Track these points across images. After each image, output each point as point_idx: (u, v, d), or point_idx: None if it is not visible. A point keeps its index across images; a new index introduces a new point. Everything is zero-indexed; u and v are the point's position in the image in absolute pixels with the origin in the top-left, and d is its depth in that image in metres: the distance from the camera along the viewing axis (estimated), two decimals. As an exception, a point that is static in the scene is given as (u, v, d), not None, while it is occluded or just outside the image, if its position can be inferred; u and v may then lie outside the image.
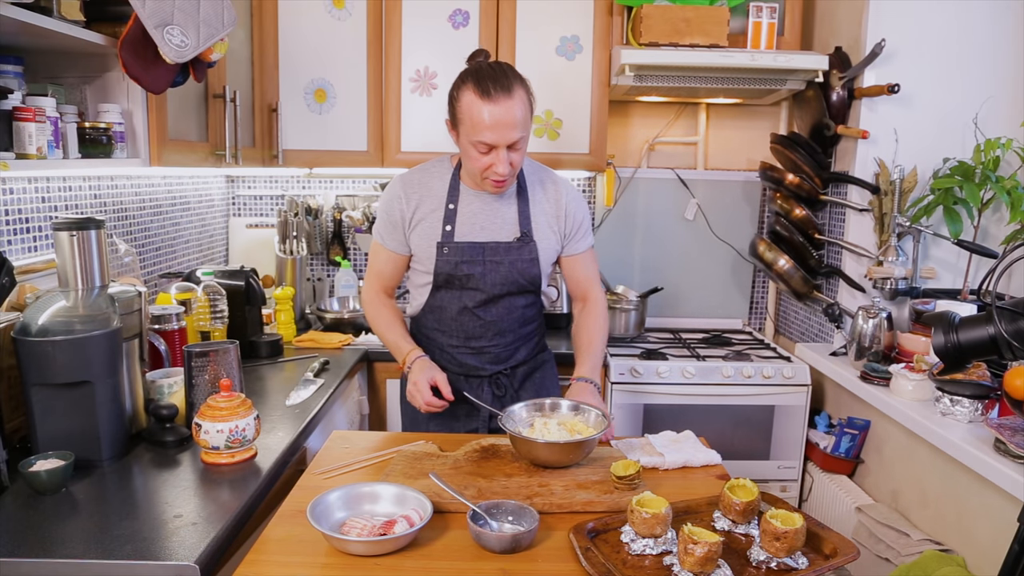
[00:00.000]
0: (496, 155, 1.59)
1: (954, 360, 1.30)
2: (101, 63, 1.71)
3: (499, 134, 1.55)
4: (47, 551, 1.11)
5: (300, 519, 1.21)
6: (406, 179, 1.76)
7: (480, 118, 1.55)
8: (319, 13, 2.52)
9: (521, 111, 1.57)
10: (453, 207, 1.72)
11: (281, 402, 1.84)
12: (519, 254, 1.72)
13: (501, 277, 1.72)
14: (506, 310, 1.77)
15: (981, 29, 2.29)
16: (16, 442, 1.48)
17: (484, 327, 1.77)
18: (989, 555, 1.67)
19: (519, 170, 1.69)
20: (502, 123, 1.54)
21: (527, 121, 1.60)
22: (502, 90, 1.55)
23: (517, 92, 1.57)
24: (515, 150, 1.60)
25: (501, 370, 1.82)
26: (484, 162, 1.60)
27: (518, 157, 1.61)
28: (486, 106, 1.54)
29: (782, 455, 2.49)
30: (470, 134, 1.58)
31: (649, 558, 1.12)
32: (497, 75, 1.57)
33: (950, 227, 2.21)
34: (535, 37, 2.55)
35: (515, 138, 1.57)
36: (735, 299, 3.03)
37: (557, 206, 1.76)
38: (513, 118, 1.55)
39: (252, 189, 2.99)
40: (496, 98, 1.54)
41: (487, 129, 1.55)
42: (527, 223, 1.73)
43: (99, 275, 1.47)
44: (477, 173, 1.63)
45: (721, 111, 2.96)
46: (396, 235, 1.75)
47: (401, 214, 1.72)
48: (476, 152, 1.59)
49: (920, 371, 2.00)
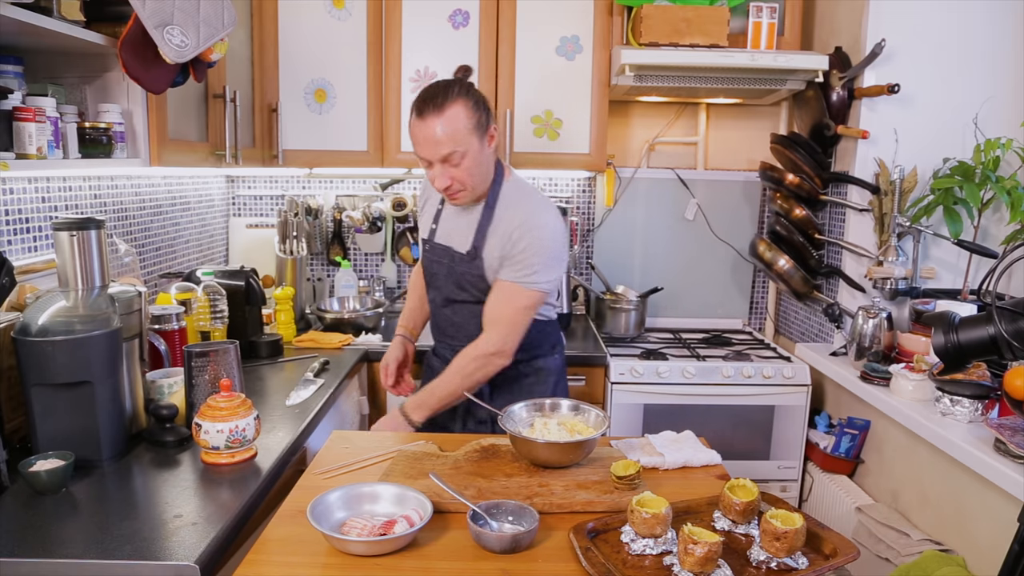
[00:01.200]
0: (434, 170, 1.67)
1: (954, 360, 1.30)
2: (101, 63, 1.71)
3: (427, 149, 1.64)
4: (47, 551, 1.11)
5: (300, 519, 1.21)
6: (424, 181, 1.94)
7: (415, 135, 1.66)
8: (319, 13, 2.52)
9: (450, 127, 1.60)
10: (440, 208, 1.87)
11: (281, 402, 1.84)
12: (468, 267, 1.77)
13: (454, 283, 1.81)
14: (470, 314, 1.82)
15: (981, 29, 2.29)
16: (16, 442, 1.48)
17: (453, 325, 1.87)
18: (989, 555, 1.67)
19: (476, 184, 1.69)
20: (429, 139, 1.63)
21: (464, 137, 1.62)
22: (433, 108, 1.61)
23: (450, 109, 1.61)
24: (453, 165, 1.65)
25: None
26: (430, 175, 1.70)
27: (459, 172, 1.66)
28: (417, 123, 1.64)
29: (782, 455, 2.49)
30: (415, 151, 1.70)
31: (649, 558, 1.12)
32: (436, 93, 1.63)
33: (950, 227, 2.21)
34: (535, 37, 2.55)
35: (443, 153, 1.62)
36: (735, 299, 3.03)
37: (510, 229, 1.69)
38: (438, 135, 1.61)
39: (252, 189, 2.99)
40: (425, 116, 1.62)
41: (418, 145, 1.66)
42: (480, 239, 1.74)
43: (99, 275, 1.47)
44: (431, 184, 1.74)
45: (721, 111, 2.96)
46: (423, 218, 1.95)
47: (419, 203, 1.98)
48: (423, 164, 1.70)
49: (920, 371, 2.00)
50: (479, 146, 1.66)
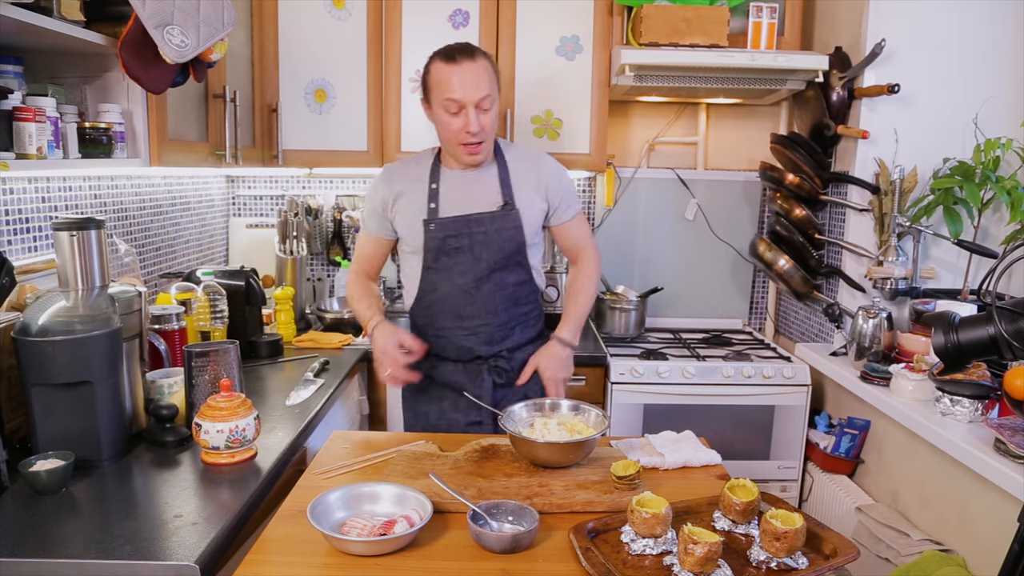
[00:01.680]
0: (465, 115, 1.67)
1: (954, 360, 1.30)
2: (101, 63, 1.71)
3: (465, 92, 1.66)
4: (47, 551, 1.11)
5: (300, 519, 1.21)
6: (389, 168, 1.87)
7: (447, 80, 1.67)
8: (319, 13, 2.52)
9: (487, 74, 1.68)
10: (436, 186, 1.80)
11: (281, 402, 1.84)
12: (503, 222, 1.77)
13: (487, 248, 1.77)
14: (496, 286, 1.81)
15: (981, 29, 2.29)
16: (16, 442, 1.48)
17: (475, 305, 1.81)
18: (989, 555, 1.67)
19: (493, 143, 1.78)
20: (467, 82, 1.66)
21: (493, 87, 1.70)
22: (467, 55, 1.68)
23: (481, 58, 1.69)
24: (483, 111, 1.68)
25: (498, 351, 1.84)
26: (456, 125, 1.69)
27: (488, 120, 1.70)
28: (452, 67, 1.67)
29: (782, 455, 2.49)
30: (439, 97, 1.68)
31: (649, 558, 1.12)
32: (463, 46, 1.70)
33: (950, 227, 2.21)
34: (535, 37, 2.55)
35: (481, 95, 1.66)
36: (735, 299, 3.03)
37: (538, 176, 1.82)
38: (477, 77, 1.66)
39: (252, 189, 2.99)
40: (461, 61, 1.67)
41: (454, 88, 1.66)
42: (508, 192, 1.79)
43: (99, 275, 1.47)
44: (452, 140, 1.72)
45: (721, 111, 2.96)
46: (381, 221, 1.85)
47: (383, 199, 1.82)
48: (447, 116, 1.69)
49: (920, 371, 2.00)
50: (498, 104, 1.74)
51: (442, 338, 1.85)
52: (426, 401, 1.89)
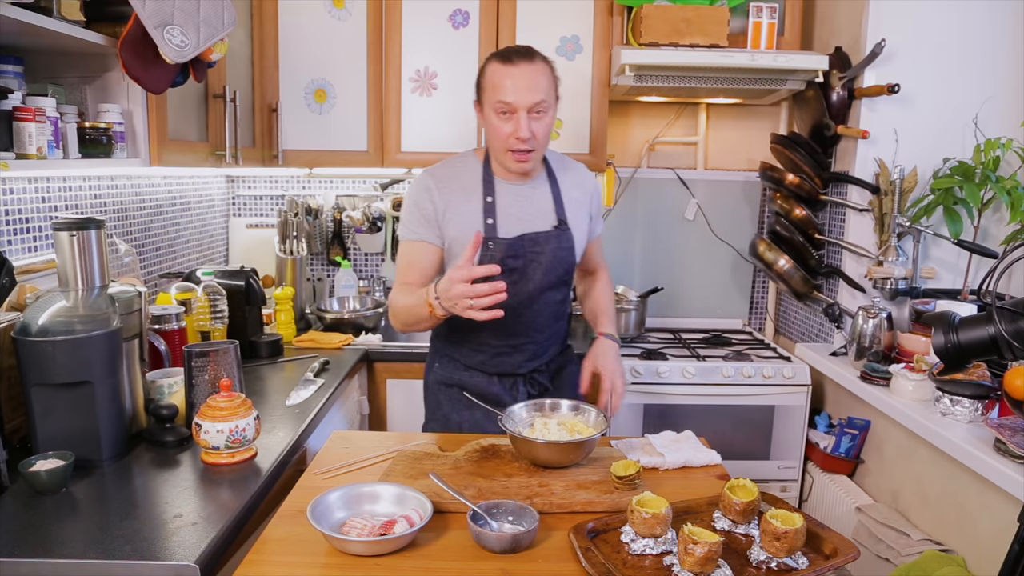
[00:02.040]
0: (517, 120, 1.58)
1: (954, 360, 1.30)
2: (101, 63, 1.71)
3: (519, 94, 1.57)
4: (47, 551, 1.11)
5: (300, 519, 1.21)
6: (435, 173, 1.72)
7: (501, 81, 1.58)
8: (319, 13, 2.52)
9: (544, 78, 1.60)
10: (491, 200, 1.68)
11: (281, 402, 1.84)
12: (558, 242, 1.71)
13: (542, 268, 1.70)
14: (544, 305, 1.76)
15: (981, 29, 2.29)
16: (16, 442, 1.48)
17: (522, 324, 1.74)
18: (989, 555, 1.67)
19: (543, 153, 1.71)
20: (521, 85, 1.57)
21: (550, 92, 1.62)
22: (524, 56, 1.60)
23: (539, 61, 1.61)
24: (536, 118, 1.60)
25: (536, 367, 1.81)
26: (506, 130, 1.59)
27: (540, 128, 1.61)
28: (507, 69, 1.58)
29: (782, 455, 2.49)
30: (491, 99, 1.60)
31: (649, 558, 1.12)
32: (522, 48, 1.63)
33: (950, 227, 2.21)
34: (535, 37, 2.55)
35: (535, 99, 1.57)
36: (735, 299, 3.03)
37: (584, 190, 1.79)
38: (533, 80, 1.57)
39: (252, 189, 2.99)
40: (517, 63, 1.59)
41: (507, 91, 1.57)
42: (561, 210, 1.74)
43: (99, 275, 1.47)
44: (501, 145, 1.62)
45: (721, 111, 2.96)
46: (430, 227, 1.69)
47: (433, 206, 1.68)
48: (498, 119, 1.60)
49: (920, 371, 1.99)
50: (554, 111, 1.66)
51: (482, 353, 1.78)
52: (458, 410, 1.81)
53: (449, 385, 1.82)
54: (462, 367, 1.81)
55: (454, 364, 1.82)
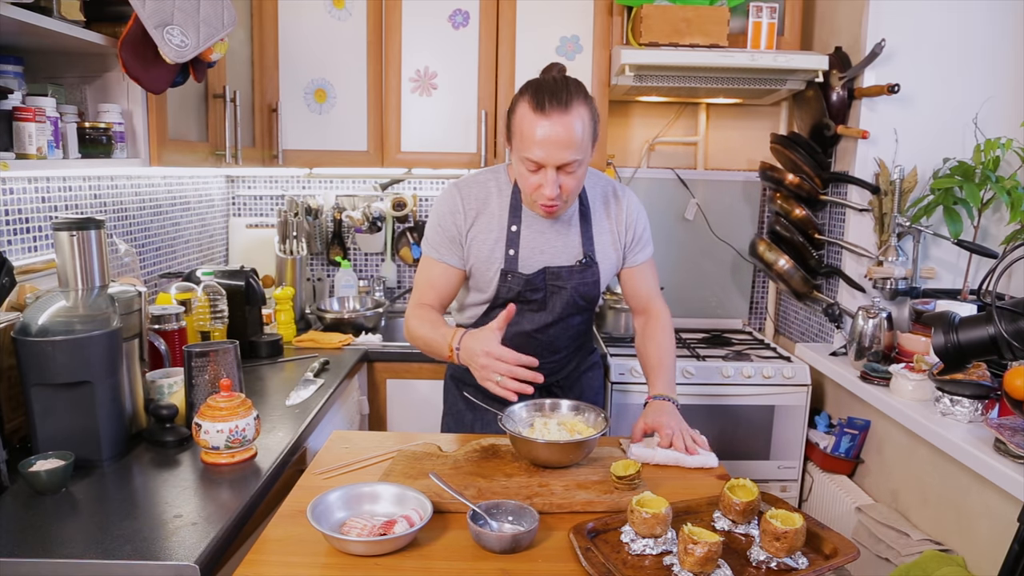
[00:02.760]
0: (544, 175, 1.47)
1: (954, 360, 1.30)
2: (101, 63, 1.71)
3: (548, 152, 1.44)
4: (47, 551, 1.11)
5: (300, 519, 1.21)
6: (464, 191, 1.64)
7: (531, 132, 1.44)
8: (319, 13, 2.52)
9: (579, 130, 1.44)
10: (516, 229, 1.62)
11: (281, 402, 1.84)
12: (581, 277, 1.65)
13: (562, 301, 1.65)
14: (563, 330, 1.71)
15: (981, 29, 2.29)
16: (16, 442, 1.48)
17: (539, 347, 1.69)
18: (989, 555, 1.67)
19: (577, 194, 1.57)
20: (552, 140, 1.43)
21: (584, 144, 1.46)
22: (558, 105, 1.43)
23: (576, 109, 1.44)
24: (568, 173, 1.48)
25: (554, 381, 1.78)
26: (533, 181, 1.49)
27: (571, 182, 1.49)
28: (538, 120, 1.43)
29: (782, 455, 2.49)
30: (520, 148, 1.48)
31: (649, 558, 1.12)
32: (557, 89, 1.45)
33: (950, 227, 2.21)
34: (535, 37, 2.55)
35: (566, 159, 1.45)
36: (735, 299, 3.03)
37: (618, 223, 1.69)
38: (565, 137, 1.43)
39: (252, 189, 2.99)
40: (550, 113, 1.43)
41: (536, 145, 1.44)
42: (590, 246, 1.66)
43: (99, 275, 1.47)
44: (527, 193, 1.54)
45: (721, 111, 2.96)
46: (454, 249, 1.64)
47: (458, 228, 1.62)
48: (525, 169, 1.49)
49: (920, 371, 1.99)
50: (589, 159, 1.52)
51: None
52: (472, 408, 1.79)
53: (466, 384, 1.80)
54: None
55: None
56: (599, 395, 1.89)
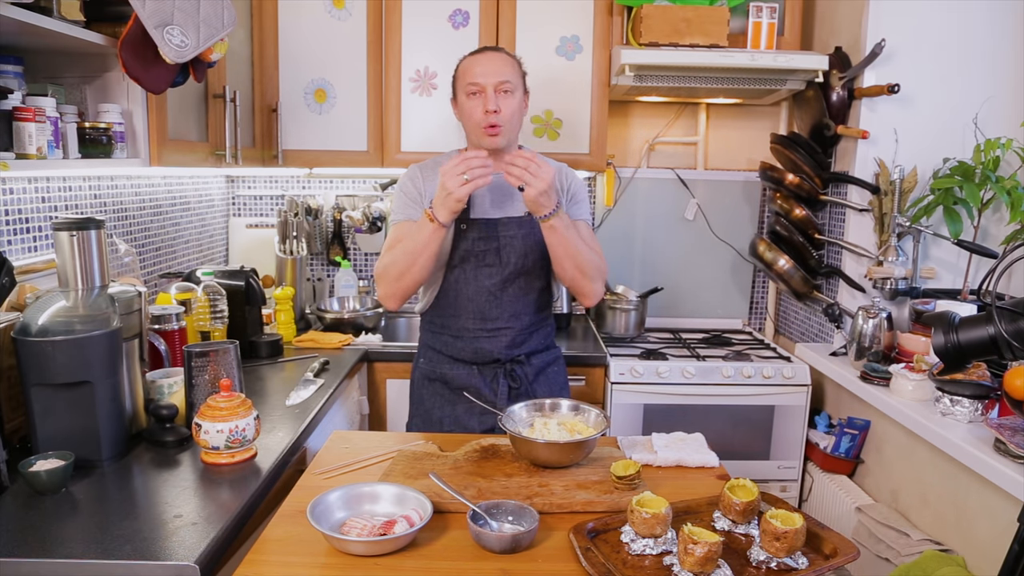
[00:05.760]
0: (485, 97, 1.72)
1: (954, 360, 1.30)
2: (101, 63, 1.71)
3: (487, 75, 1.72)
4: (47, 551, 1.11)
5: (300, 519, 1.21)
6: (421, 164, 1.88)
7: (470, 68, 1.74)
8: (319, 13, 2.52)
9: (509, 63, 1.76)
10: None
11: (281, 402, 1.84)
12: (531, 227, 1.79)
13: (516, 252, 1.80)
14: (522, 291, 1.83)
15: (981, 29, 2.29)
16: (16, 442, 1.48)
17: (500, 307, 1.82)
18: (989, 555, 1.67)
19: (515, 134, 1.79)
20: (489, 67, 1.73)
21: (516, 77, 1.76)
22: (491, 49, 1.79)
23: (504, 54, 1.78)
24: (503, 93, 1.72)
25: (516, 356, 1.86)
26: (477, 108, 1.73)
27: (509, 105, 1.73)
28: (475, 57, 1.76)
29: (782, 455, 2.49)
30: (462, 85, 1.74)
31: (649, 558, 1.12)
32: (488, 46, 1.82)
33: (950, 227, 2.21)
34: (535, 37, 2.55)
35: (502, 78, 1.72)
36: (735, 299, 3.03)
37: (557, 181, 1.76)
38: (499, 63, 1.74)
39: (252, 189, 2.99)
40: (484, 52, 1.78)
41: (475, 73, 1.72)
42: None
43: (99, 275, 1.47)
44: (474, 126, 1.75)
45: (721, 111, 2.96)
46: (417, 207, 1.81)
47: (418, 191, 1.82)
48: (469, 101, 1.74)
49: (920, 371, 2.00)
50: (521, 97, 1.78)
51: (461, 339, 1.85)
52: (439, 406, 1.88)
53: (432, 380, 1.90)
54: (445, 359, 1.88)
55: (437, 357, 1.89)
56: (564, 389, 1.95)
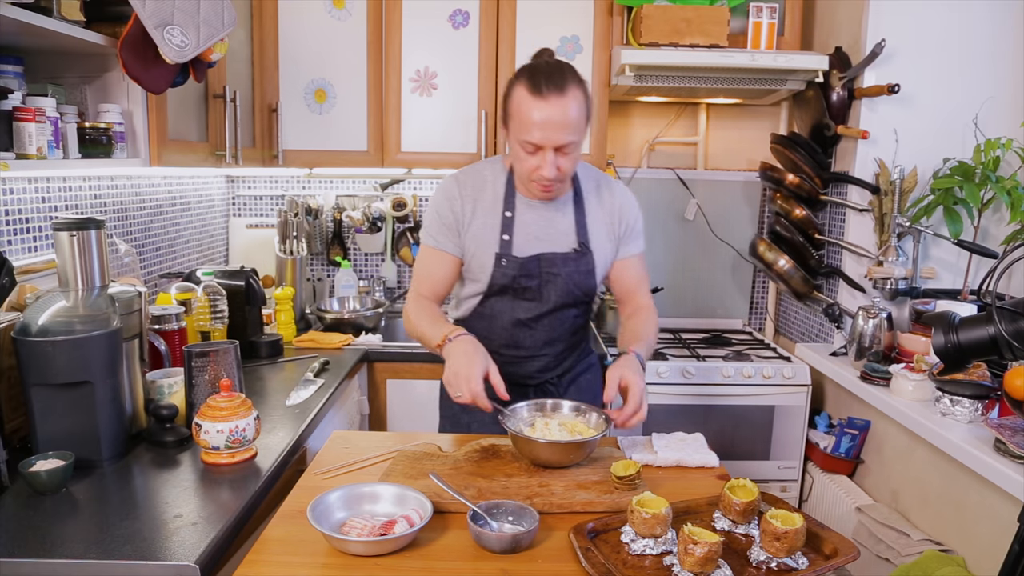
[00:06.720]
0: (542, 157, 1.50)
1: (954, 360, 1.30)
2: (101, 63, 1.71)
3: (546, 134, 1.47)
4: (47, 551, 1.11)
5: (300, 519, 1.21)
6: (460, 179, 1.68)
7: (528, 116, 1.47)
8: (319, 13, 2.52)
9: (575, 112, 1.48)
10: (510, 215, 1.64)
11: (281, 402, 1.84)
12: (576, 265, 1.65)
13: (557, 289, 1.65)
14: (559, 321, 1.71)
15: (981, 29, 2.29)
16: (16, 442, 1.48)
17: (534, 338, 1.71)
18: (989, 555, 1.67)
19: (571, 176, 1.62)
20: (551, 122, 1.46)
21: (580, 125, 1.50)
22: (555, 88, 1.46)
23: (571, 92, 1.48)
24: (564, 154, 1.51)
25: (548, 379, 1.78)
26: (531, 163, 1.52)
27: (567, 163, 1.52)
28: (536, 103, 1.46)
29: (782, 455, 2.49)
30: (518, 132, 1.51)
31: (649, 558, 1.12)
32: (552, 72, 1.48)
33: (950, 227, 2.21)
34: (535, 37, 2.55)
35: (563, 141, 1.48)
36: (735, 299, 3.03)
37: (611, 213, 1.70)
38: (563, 118, 1.46)
39: (252, 189, 2.99)
40: (547, 96, 1.45)
41: (535, 127, 1.47)
42: (584, 233, 1.66)
43: (99, 275, 1.47)
44: (524, 175, 1.57)
45: (721, 111, 2.96)
46: (452, 237, 1.65)
47: (455, 215, 1.64)
48: (523, 152, 1.52)
49: (920, 371, 2.00)
50: (583, 139, 1.55)
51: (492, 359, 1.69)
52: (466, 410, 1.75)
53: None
54: None
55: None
56: (597, 398, 1.87)
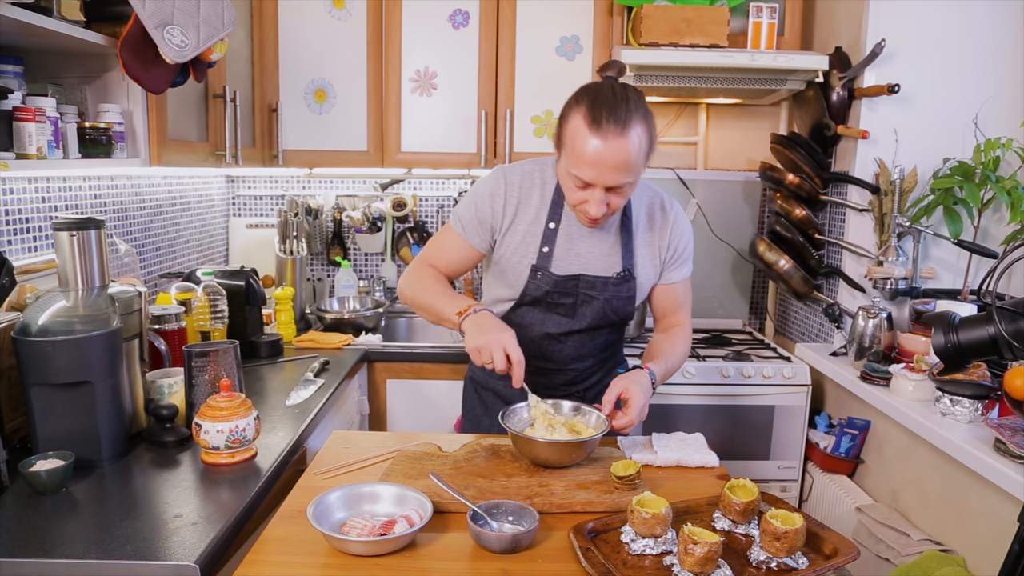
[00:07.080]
0: (591, 193, 1.40)
1: (954, 360, 1.30)
2: (101, 63, 1.71)
3: (599, 173, 1.36)
4: (47, 551, 1.11)
5: (300, 519, 1.21)
6: (509, 178, 1.58)
7: (582, 149, 1.36)
8: (319, 13, 2.52)
9: (634, 152, 1.36)
10: (554, 227, 1.56)
11: (281, 402, 1.84)
12: (616, 291, 1.58)
13: (594, 311, 1.59)
14: (590, 338, 1.66)
15: (981, 29, 2.29)
16: (16, 442, 1.48)
17: (564, 352, 1.66)
18: (989, 555, 1.67)
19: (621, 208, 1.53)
20: (605, 163, 1.35)
21: (638, 165, 1.39)
22: (615, 124, 1.34)
23: (634, 128, 1.35)
24: (616, 193, 1.41)
25: (573, 392, 1.72)
26: (578, 196, 1.43)
27: (618, 200, 1.43)
28: (592, 138, 1.35)
29: (782, 455, 2.49)
30: (569, 162, 1.40)
31: (649, 558, 1.12)
32: (616, 104, 1.36)
33: (950, 227, 2.21)
34: (535, 37, 2.55)
35: (617, 182, 1.38)
36: (735, 299, 3.03)
37: (661, 238, 1.61)
38: (619, 160, 1.35)
39: (252, 189, 2.99)
40: (606, 132, 1.34)
41: (587, 165, 1.36)
42: (630, 258, 1.58)
43: (99, 275, 1.47)
44: (570, 203, 1.49)
45: (721, 111, 2.96)
46: (481, 232, 1.59)
47: (492, 213, 1.57)
48: (572, 183, 1.42)
49: (920, 371, 1.99)
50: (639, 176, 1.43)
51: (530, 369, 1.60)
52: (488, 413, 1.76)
53: (485, 388, 1.78)
54: (498, 376, 1.64)
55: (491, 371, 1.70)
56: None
